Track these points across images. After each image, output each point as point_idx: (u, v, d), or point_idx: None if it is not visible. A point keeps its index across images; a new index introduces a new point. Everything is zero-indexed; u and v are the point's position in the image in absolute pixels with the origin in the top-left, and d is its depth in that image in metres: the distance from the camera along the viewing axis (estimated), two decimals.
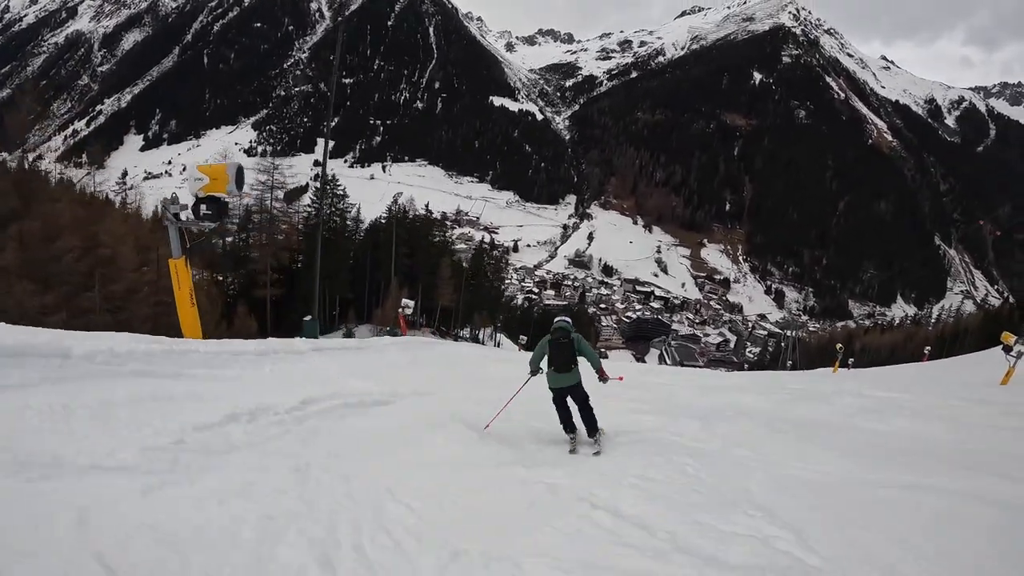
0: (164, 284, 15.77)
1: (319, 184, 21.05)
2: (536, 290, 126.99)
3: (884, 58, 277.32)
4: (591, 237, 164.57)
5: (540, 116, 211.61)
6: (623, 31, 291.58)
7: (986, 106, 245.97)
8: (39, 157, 29.54)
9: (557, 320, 5.33)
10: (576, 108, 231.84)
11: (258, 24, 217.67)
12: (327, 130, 20.48)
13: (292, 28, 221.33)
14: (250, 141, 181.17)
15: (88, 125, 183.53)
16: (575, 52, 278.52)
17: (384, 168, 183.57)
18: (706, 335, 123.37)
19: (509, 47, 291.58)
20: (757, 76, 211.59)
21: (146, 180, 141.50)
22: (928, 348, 32.93)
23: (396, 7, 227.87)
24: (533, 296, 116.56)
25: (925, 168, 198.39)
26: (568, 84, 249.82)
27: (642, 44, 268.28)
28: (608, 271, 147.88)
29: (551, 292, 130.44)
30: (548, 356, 5.19)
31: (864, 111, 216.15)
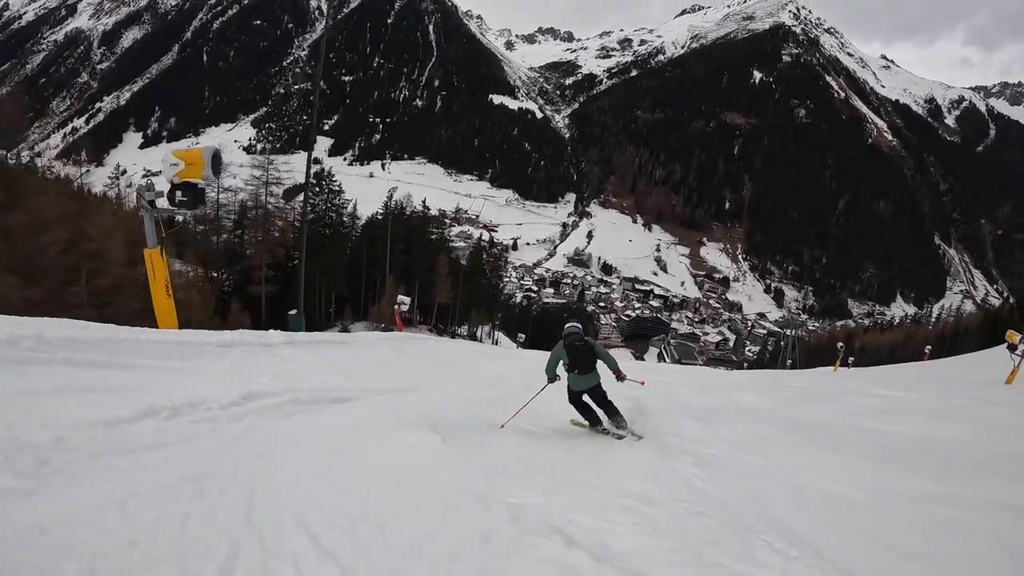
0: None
1: (313, 181, 20.72)
2: (535, 288, 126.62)
3: (884, 57, 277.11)
4: (590, 235, 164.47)
5: (540, 114, 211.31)
6: (623, 30, 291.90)
7: (986, 106, 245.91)
8: (37, 155, 29.20)
9: (568, 326, 5.48)
10: (576, 106, 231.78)
11: (258, 22, 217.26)
12: (312, 132, 20.18)
13: (292, 26, 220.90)
14: (249, 139, 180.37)
15: (87, 123, 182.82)
16: (575, 50, 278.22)
17: (383, 166, 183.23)
18: (705, 334, 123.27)
19: (509, 45, 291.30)
20: (757, 75, 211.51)
21: (144, 178, 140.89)
22: (929, 347, 32.77)
23: (396, 5, 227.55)
24: (532, 294, 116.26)
25: (925, 168, 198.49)
26: (568, 82, 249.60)
27: (642, 43, 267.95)
28: (607, 269, 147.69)
29: (550, 290, 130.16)
30: (568, 361, 5.32)
31: (864, 110, 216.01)
